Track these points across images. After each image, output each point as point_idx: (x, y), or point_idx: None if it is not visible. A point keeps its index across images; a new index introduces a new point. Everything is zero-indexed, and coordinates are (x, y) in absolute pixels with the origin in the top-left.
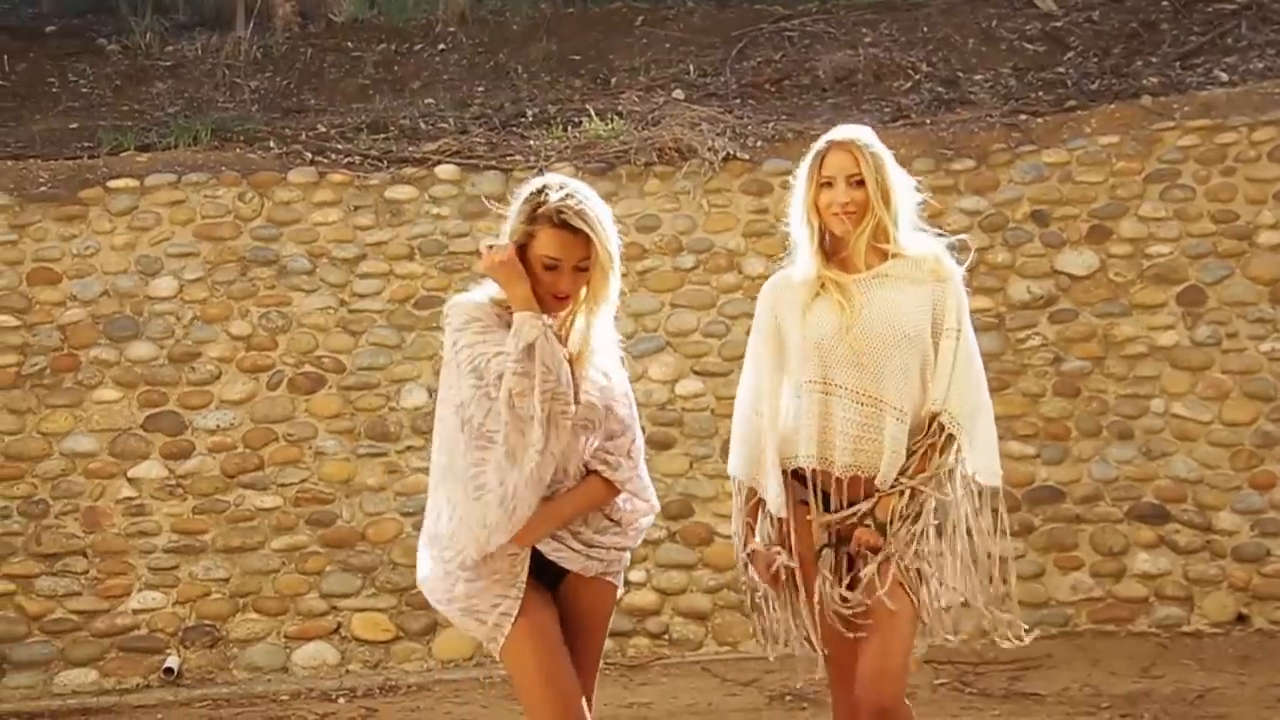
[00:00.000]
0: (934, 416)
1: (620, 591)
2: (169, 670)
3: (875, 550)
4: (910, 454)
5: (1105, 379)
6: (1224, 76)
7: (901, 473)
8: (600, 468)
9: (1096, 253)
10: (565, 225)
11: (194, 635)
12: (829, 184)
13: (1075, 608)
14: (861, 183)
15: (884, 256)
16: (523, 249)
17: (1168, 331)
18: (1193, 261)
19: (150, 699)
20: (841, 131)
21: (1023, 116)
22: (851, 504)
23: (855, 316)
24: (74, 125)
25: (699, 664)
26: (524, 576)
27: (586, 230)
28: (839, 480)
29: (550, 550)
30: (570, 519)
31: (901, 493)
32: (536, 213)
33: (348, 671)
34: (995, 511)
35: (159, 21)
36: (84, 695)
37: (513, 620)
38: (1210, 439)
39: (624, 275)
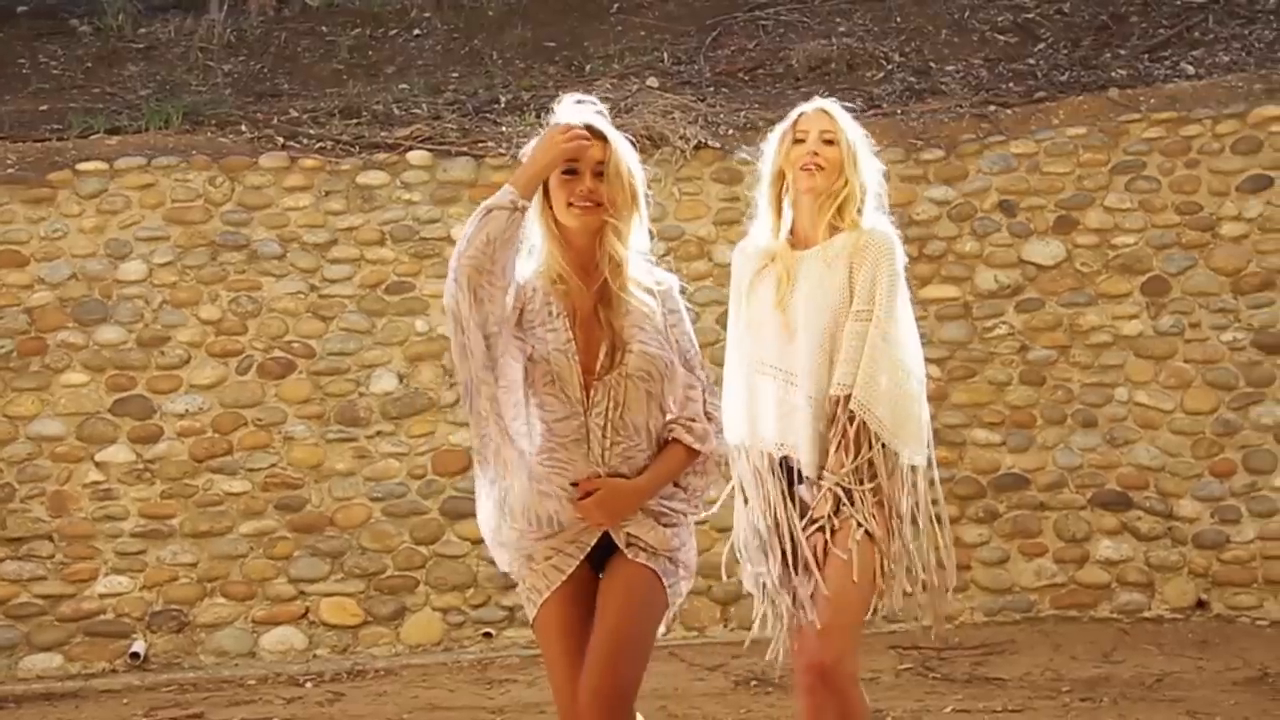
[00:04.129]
0: (841, 401)
1: (676, 599)
2: (135, 655)
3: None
4: (830, 442)
5: (1070, 367)
6: (1190, 69)
7: (826, 466)
8: (683, 436)
9: (1063, 243)
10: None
11: (161, 620)
12: (801, 140)
13: (1039, 594)
14: (833, 142)
15: (837, 230)
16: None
17: (1132, 321)
18: (1157, 252)
19: (116, 684)
20: (818, 100)
21: (992, 107)
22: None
23: (788, 294)
24: (44, 107)
25: (666, 649)
26: (590, 545)
27: (601, 130)
28: (770, 457)
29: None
30: (654, 495)
31: (828, 496)
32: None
33: (315, 656)
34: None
35: (132, 3)
36: (49, 680)
37: (557, 585)
38: (1172, 427)
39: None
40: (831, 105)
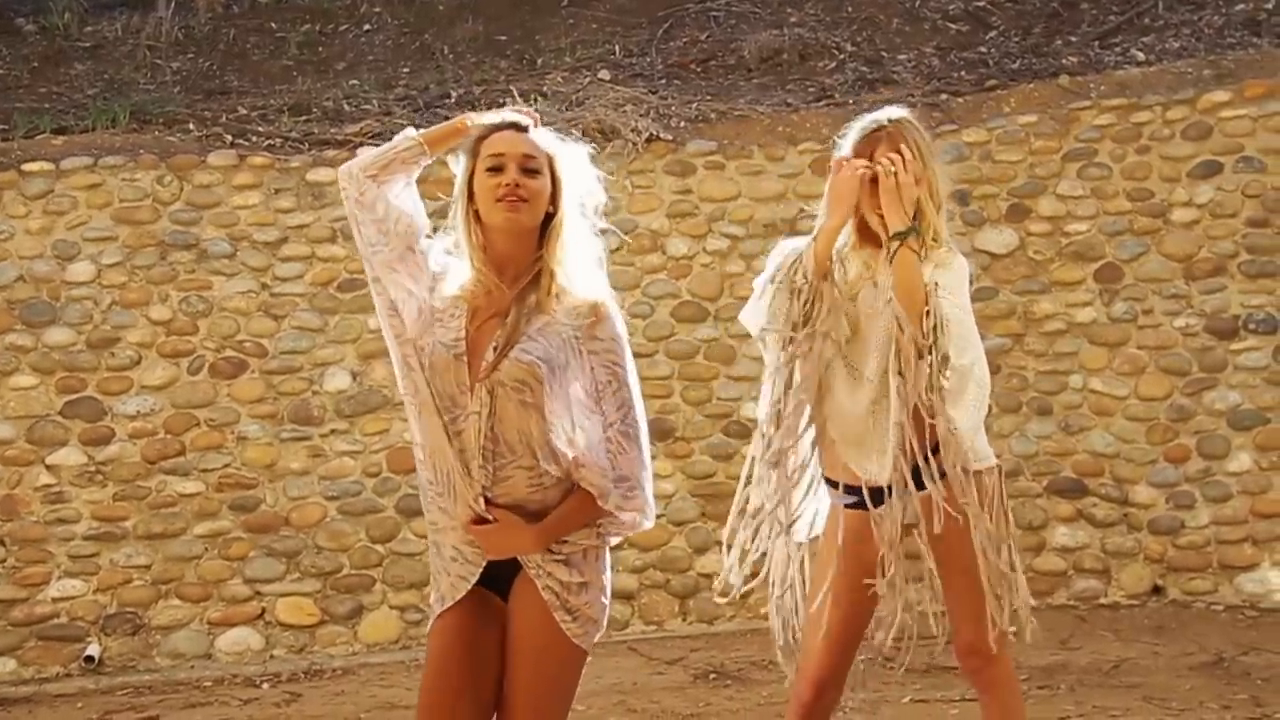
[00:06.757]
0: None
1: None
2: (89, 658)
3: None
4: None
5: (1025, 355)
6: (1141, 56)
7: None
8: (597, 496)
9: (1016, 231)
10: (512, 126)
11: (115, 623)
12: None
13: None
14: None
15: None
16: (471, 181)
17: (1085, 308)
18: (1109, 239)
19: (70, 688)
20: (887, 115)
21: (944, 96)
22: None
23: (858, 285)
24: None
25: (625, 643)
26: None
27: (531, 124)
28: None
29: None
30: (550, 543)
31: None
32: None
33: (272, 657)
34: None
35: (78, 1)
36: (2, 685)
37: (455, 600)
38: (1126, 414)
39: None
40: (902, 127)
